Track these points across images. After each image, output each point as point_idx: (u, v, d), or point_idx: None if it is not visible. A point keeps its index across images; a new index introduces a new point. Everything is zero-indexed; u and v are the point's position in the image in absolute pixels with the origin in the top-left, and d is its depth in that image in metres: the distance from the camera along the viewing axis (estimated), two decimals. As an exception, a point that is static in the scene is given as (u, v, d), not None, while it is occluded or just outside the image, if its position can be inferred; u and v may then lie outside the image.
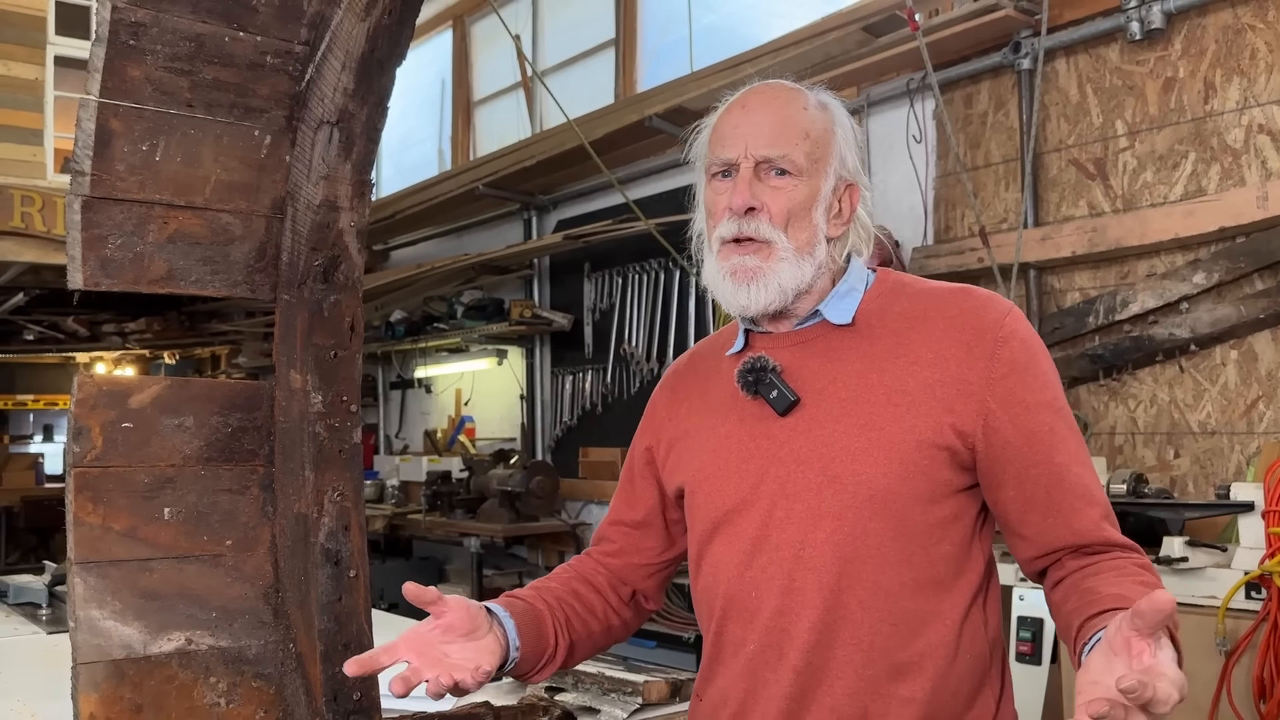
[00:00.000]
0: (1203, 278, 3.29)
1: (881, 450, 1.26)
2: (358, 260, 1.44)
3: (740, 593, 1.32)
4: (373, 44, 1.36)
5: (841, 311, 1.35)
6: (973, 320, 1.30)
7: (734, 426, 1.37)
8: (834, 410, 1.30)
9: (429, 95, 7.66)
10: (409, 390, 7.69)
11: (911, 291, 1.37)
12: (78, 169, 1.26)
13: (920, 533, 1.26)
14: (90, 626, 1.27)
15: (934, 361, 1.28)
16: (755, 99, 1.36)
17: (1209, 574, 2.67)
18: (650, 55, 5.82)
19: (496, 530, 5.60)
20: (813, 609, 1.26)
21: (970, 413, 1.26)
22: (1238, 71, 3.28)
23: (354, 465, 1.42)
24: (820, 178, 1.33)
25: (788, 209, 1.31)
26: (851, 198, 1.37)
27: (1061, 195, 3.74)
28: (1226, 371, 3.31)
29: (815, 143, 1.33)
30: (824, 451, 1.28)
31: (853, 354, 1.32)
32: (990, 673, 1.31)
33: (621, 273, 5.61)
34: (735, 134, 1.34)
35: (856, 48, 4.07)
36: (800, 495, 1.28)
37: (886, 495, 1.25)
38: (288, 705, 1.37)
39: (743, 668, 1.32)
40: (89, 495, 1.29)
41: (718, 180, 1.36)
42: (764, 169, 1.32)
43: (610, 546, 1.53)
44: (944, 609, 1.27)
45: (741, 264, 1.31)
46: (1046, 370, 1.30)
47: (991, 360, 1.27)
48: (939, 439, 1.26)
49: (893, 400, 1.27)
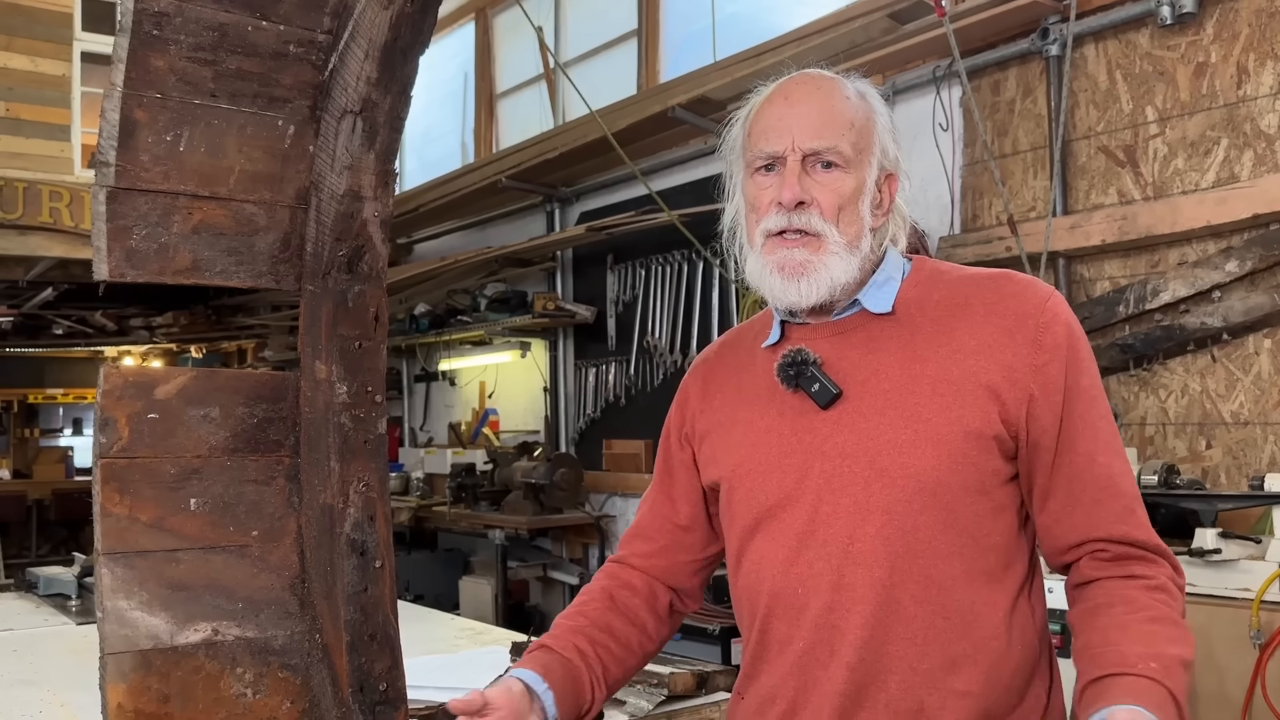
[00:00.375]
0: (1235, 266, 3.24)
1: (929, 442, 1.24)
2: (382, 251, 1.43)
3: (786, 589, 1.29)
4: (396, 32, 1.35)
5: (881, 300, 1.32)
6: (1014, 305, 1.28)
7: (774, 420, 1.34)
8: (878, 403, 1.27)
9: (452, 88, 7.66)
10: (433, 383, 7.71)
11: (950, 279, 1.34)
12: (102, 160, 1.26)
13: (970, 524, 1.24)
14: (118, 617, 1.27)
15: (978, 349, 1.26)
16: (798, 90, 1.33)
17: (1242, 566, 2.64)
18: (673, 46, 5.79)
19: (521, 522, 5.61)
20: (865, 604, 1.23)
21: (1016, 400, 1.24)
22: (1271, 56, 3.22)
23: (379, 456, 1.42)
24: (865, 169, 1.31)
25: (837, 203, 1.29)
26: (891, 187, 1.35)
27: (1091, 183, 3.69)
28: (1260, 361, 3.26)
29: (859, 133, 1.31)
30: (870, 445, 1.26)
31: (894, 344, 1.30)
32: (1040, 663, 1.30)
33: (645, 264, 5.59)
34: (780, 126, 1.30)
35: (882, 35, 4.03)
36: (847, 489, 1.26)
37: (936, 488, 1.23)
38: (314, 695, 1.37)
39: (791, 665, 1.29)
40: (116, 486, 1.29)
41: (760, 175, 1.33)
42: (811, 162, 1.29)
43: (651, 545, 1.49)
44: (996, 600, 1.25)
45: (789, 258, 1.29)
46: (1086, 356, 1.28)
47: (1035, 346, 1.25)
48: (987, 428, 1.24)
49: (938, 390, 1.25)
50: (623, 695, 1.87)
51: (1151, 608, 1.21)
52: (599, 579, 1.50)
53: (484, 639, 2.56)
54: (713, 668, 1.96)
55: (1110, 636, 1.19)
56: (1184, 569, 1.32)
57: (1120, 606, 1.21)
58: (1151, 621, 1.19)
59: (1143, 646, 1.16)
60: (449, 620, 2.94)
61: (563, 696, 1.32)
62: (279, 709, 1.36)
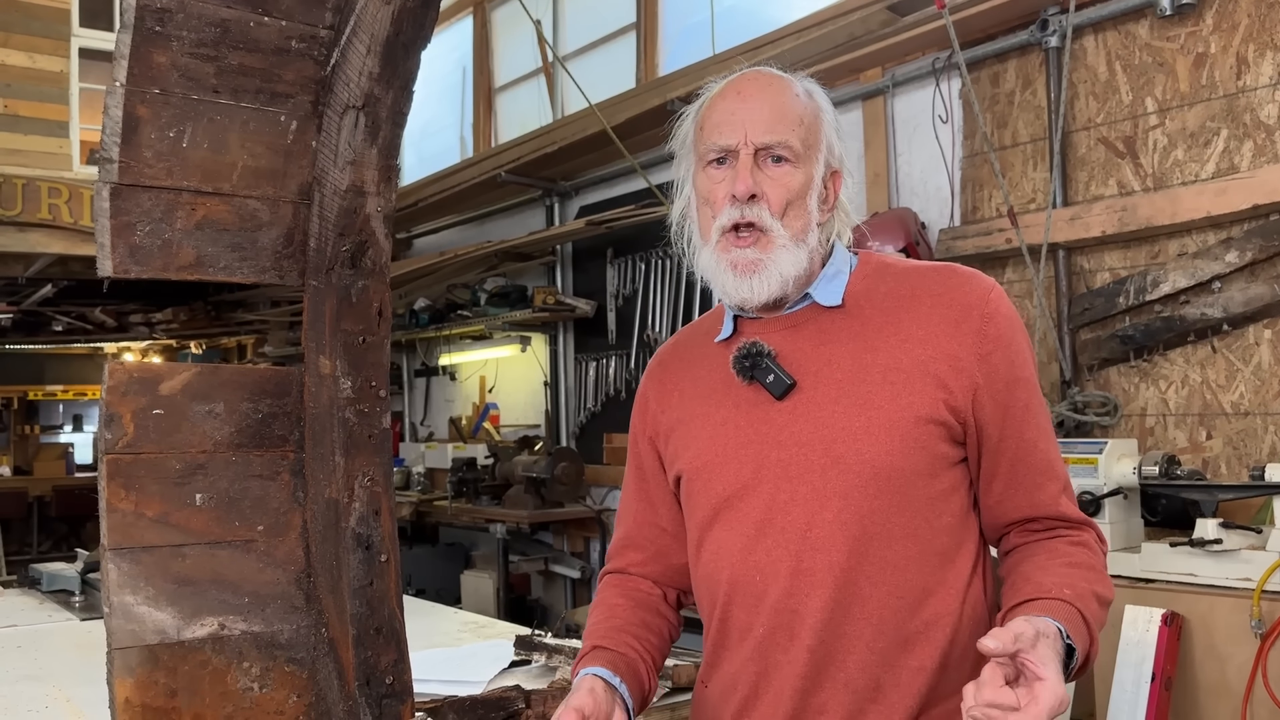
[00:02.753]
0: (1235, 256, 3.24)
1: (882, 428, 1.28)
2: (385, 246, 1.43)
3: (744, 577, 1.33)
4: (398, 27, 1.35)
5: (831, 293, 1.37)
6: (960, 297, 1.33)
7: (730, 412, 1.38)
8: (832, 392, 1.32)
9: (450, 82, 7.65)
10: (433, 378, 7.71)
11: (896, 271, 1.39)
12: (105, 156, 1.26)
13: (923, 506, 1.29)
14: (124, 612, 1.28)
15: (925, 339, 1.31)
16: (750, 86, 1.37)
17: (1243, 556, 2.64)
18: (671, 39, 5.78)
19: (522, 516, 5.62)
20: (823, 589, 1.27)
21: (962, 388, 1.29)
22: (1271, 46, 3.22)
23: (383, 450, 1.42)
24: (813, 165, 1.36)
25: (786, 198, 1.33)
26: (836, 184, 1.40)
27: (1090, 174, 3.69)
28: (1260, 351, 3.26)
29: (808, 130, 1.35)
30: (825, 433, 1.30)
31: (845, 335, 1.35)
32: None
33: (645, 258, 5.59)
34: (733, 120, 1.34)
35: (881, 27, 4.03)
36: (804, 477, 1.30)
37: (890, 472, 1.27)
38: (320, 689, 1.38)
39: (752, 651, 1.33)
40: (121, 482, 1.29)
41: (713, 168, 1.37)
42: (762, 157, 1.33)
43: (643, 554, 1.52)
44: (948, 579, 1.30)
45: (742, 257, 1.33)
46: (1025, 347, 1.34)
47: (979, 336, 1.30)
48: (935, 414, 1.29)
49: (888, 379, 1.30)
50: (627, 688, 1.88)
51: (1072, 554, 1.29)
52: (609, 589, 1.53)
53: (487, 632, 2.57)
54: (716, 660, 1.97)
55: (1030, 575, 1.26)
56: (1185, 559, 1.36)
57: (1042, 555, 1.30)
58: (1070, 565, 1.27)
59: (1059, 579, 1.24)
60: (452, 614, 2.95)
61: (631, 688, 1.37)
62: (285, 703, 1.36)
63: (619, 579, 1.54)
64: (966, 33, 3.79)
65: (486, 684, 1.94)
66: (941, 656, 1.28)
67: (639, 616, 1.47)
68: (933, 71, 4.09)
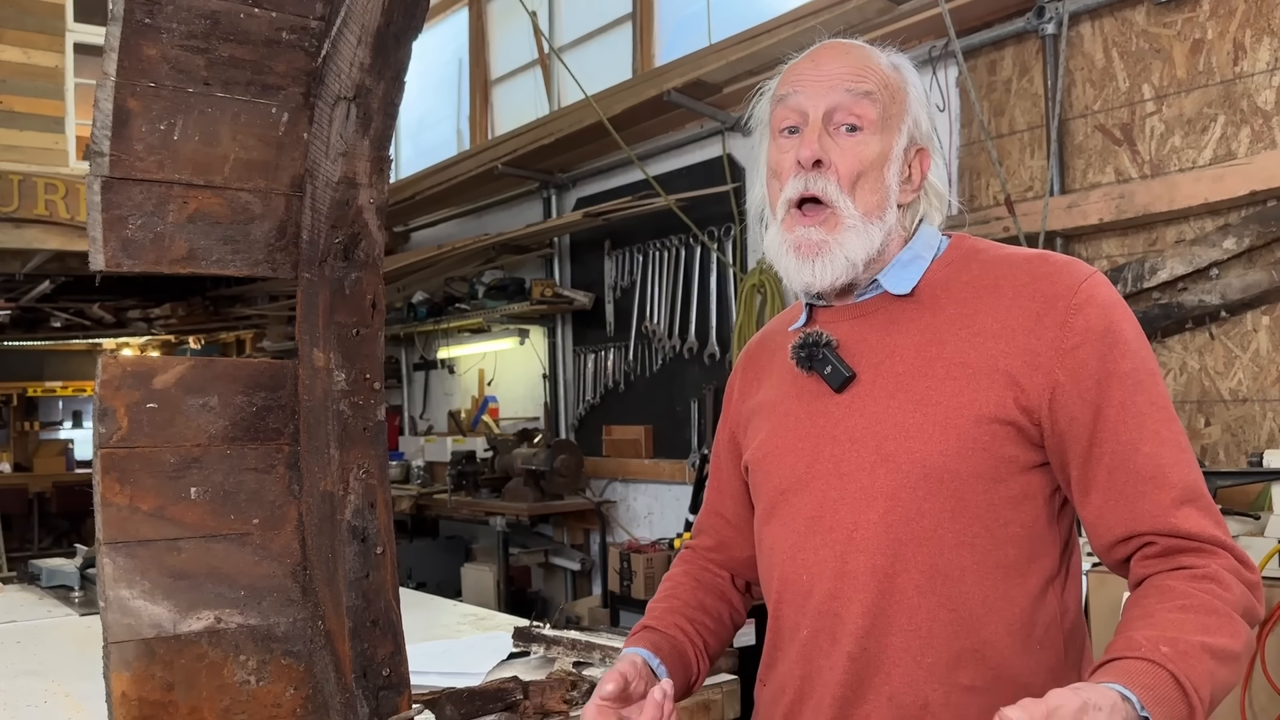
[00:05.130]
0: (1233, 243, 3.24)
1: (936, 426, 1.19)
2: (378, 237, 1.43)
3: (793, 575, 1.27)
4: (388, 17, 1.34)
5: (902, 281, 1.28)
6: (1045, 287, 1.21)
7: (793, 403, 1.32)
8: (889, 386, 1.23)
9: (446, 75, 7.64)
10: (432, 371, 7.71)
11: (985, 259, 1.28)
12: (96, 150, 1.26)
13: (983, 513, 1.19)
14: (120, 606, 1.28)
15: (999, 333, 1.20)
16: (827, 53, 1.29)
17: (1242, 543, 2.64)
18: (668, 29, 5.77)
19: (522, 509, 5.62)
20: (865, 592, 1.20)
21: (1037, 386, 1.18)
22: (1268, 31, 3.21)
23: (378, 443, 1.42)
24: (893, 136, 1.26)
25: (857, 169, 1.24)
26: (923, 163, 1.30)
27: (1088, 162, 3.69)
28: (1258, 338, 3.26)
29: (889, 99, 1.26)
30: (877, 429, 1.22)
31: (913, 326, 1.26)
32: (1064, 665, 1.23)
33: (642, 250, 5.58)
34: (803, 84, 1.26)
35: (877, 16, 4.02)
36: (854, 475, 1.23)
37: (942, 474, 1.18)
38: (317, 682, 1.38)
39: (798, 653, 1.27)
40: (116, 476, 1.29)
41: (783, 138, 1.28)
42: (834, 124, 1.24)
43: (708, 540, 1.51)
44: (1013, 594, 1.19)
45: (805, 237, 1.24)
46: (1128, 338, 1.19)
47: (1063, 329, 1.18)
48: (1001, 414, 1.18)
49: (952, 374, 1.20)
50: (625, 678, 1.88)
51: (1188, 595, 1.10)
52: (680, 565, 1.52)
53: (487, 624, 2.57)
54: (714, 650, 1.97)
55: (1128, 625, 1.10)
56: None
57: (1153, 597, 1.12)
58: (1182, 610, 1.09)
59: (1158, 631, 1.06)
60: (452, 606, 2.95)
61: (674, 670, 1.34)
62: (283, 695, 1.36)
63: (691, 555, 1.52)
64: (963, 20, 3.78)
65: (485, 676, 1.94)
66: (996, 679, 1.17)
67: (697, 598, 1.44)
68: (929, 59, 4.07)
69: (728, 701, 1.91)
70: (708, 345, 5.15)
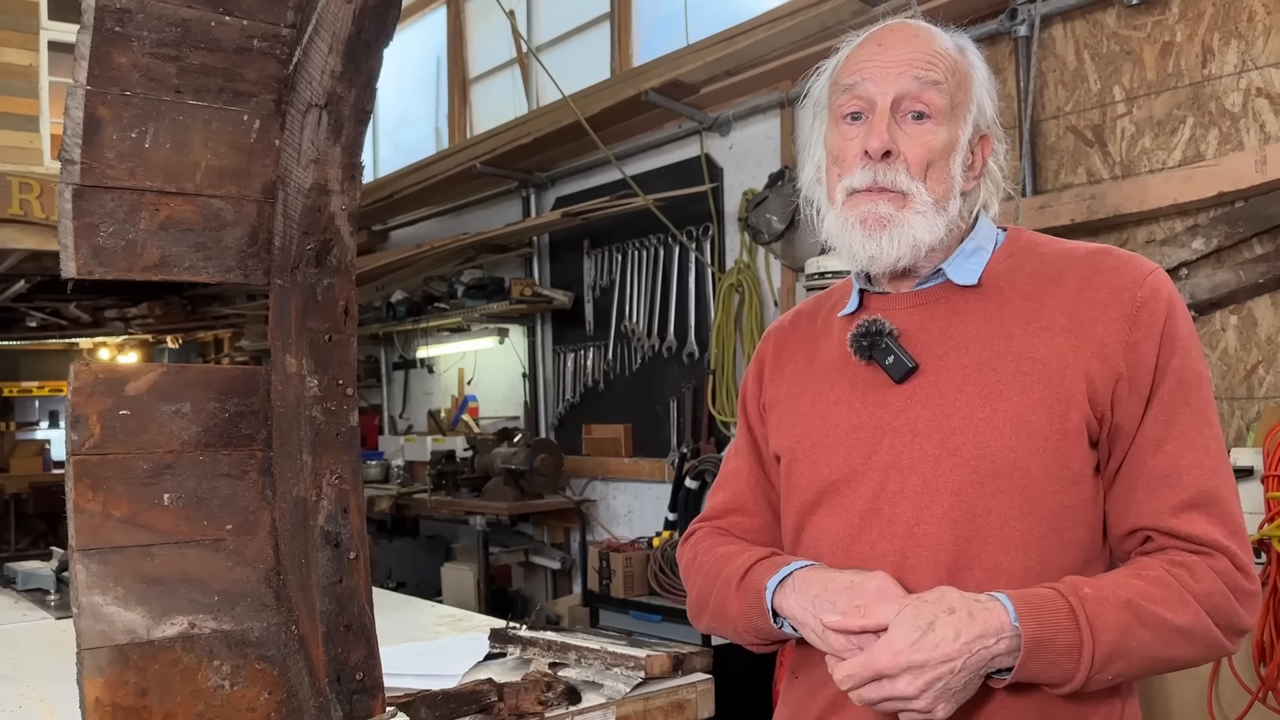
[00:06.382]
0: (1201, 243, 3.28)
1: (1007, 422, 1.16)
2: (350, 244, 1.44)
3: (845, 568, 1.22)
4: (359, 25, 1.35)
5: (967, 272, 1.25)
6: (1112, 280, 1.19)
7: (844, 392, 1.28)
8: (955, 378, 1.20)
9: (425, 73, 7.62)
10: (412, 370, 7.70)
11: (1045, 252, 1.27)
12: (67, 157, 1.26)
13: (1051, 514, 1.16)
14: (93, 612, 1.28)
15: (1068, 326, 1.18)
16: (893, 36, 1.25)
17: (1209, 539, 2.68)
18: (645, 29, 5.78)
19: (502, 508, 5.62)
20: (925, 589, 1.14)
21: (1105, 380, 1.16)
22: (1236, 35, 3.25)
23: (351, 448, 1.43)
24: (960, 124, 1.23)
25: (926, 158, 1.21)
26: (985, 149, 1.28)
27: (1060, 163, 3.72)
28: (1226, 337, 3.31)
29: (956, 86, 1.23)
30: (943, 422, 1.19)
31: (978, 318, 1.23)
32: None
33: (621, 249, 5.60)
34: (870, 70, 1.23)
35: (852, 17, 4.04)
36: (916, 468, 1.19)
37: (1012, 471, 1.15)
38: (291, 686, 1.39)
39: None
40: (88, 483, 1.30)
41: (846, 124, 1.25)
42: (902, 112, 1.22)
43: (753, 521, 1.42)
44: None
45: (873, 210, 1.21)
46: (1183, 336, 1.18)
47: (1130, 323, 1.17)
48: (1074, 412, 1.16)
49: (1021, 369, 1.17)
50: (599, 678, 1.90)
51: (1149, 569, 1.12)
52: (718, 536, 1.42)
53: (464, 625, 2.58)
54: (689, 649, 1.99)
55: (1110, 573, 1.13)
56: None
57: (1126, 570, 1.14)
58: (1134, 576, 1.11)
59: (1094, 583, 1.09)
60: (429, 608, 2.96)
61: None
62: (257, 700, 1.37)
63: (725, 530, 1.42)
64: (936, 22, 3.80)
65: (461, 678, 1.95)
66: None
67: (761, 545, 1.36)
68: (904, 61, 4.10)
69: (701, 701, 1.93)
70: (686, 344, 5.17)
